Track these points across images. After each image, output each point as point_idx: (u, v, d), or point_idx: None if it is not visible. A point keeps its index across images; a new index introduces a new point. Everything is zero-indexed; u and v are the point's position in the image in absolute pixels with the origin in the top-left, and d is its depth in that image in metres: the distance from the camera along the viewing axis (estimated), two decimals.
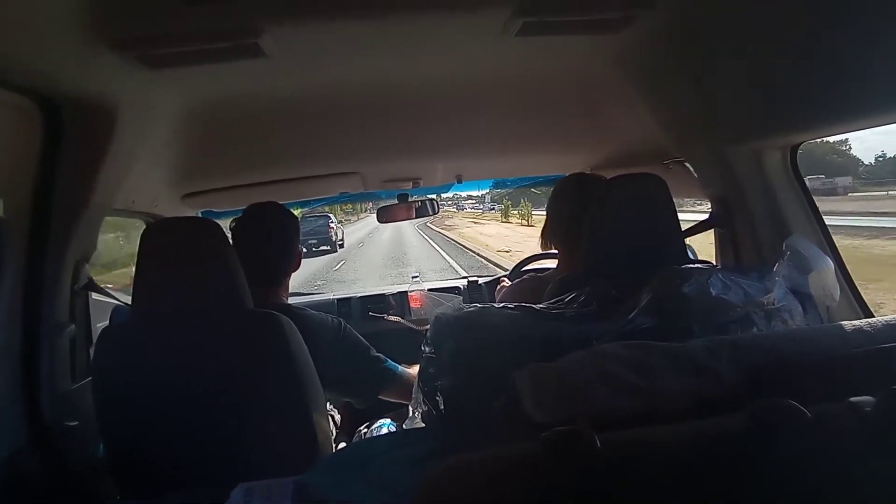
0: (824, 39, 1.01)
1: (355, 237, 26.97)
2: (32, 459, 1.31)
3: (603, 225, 1.25)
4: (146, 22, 1.13)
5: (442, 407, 0.89)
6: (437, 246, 21.16)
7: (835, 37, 0.99)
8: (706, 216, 1.66)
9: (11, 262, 1.33)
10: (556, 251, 1.76)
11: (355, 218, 43.01)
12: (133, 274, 1.34)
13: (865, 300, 1.41)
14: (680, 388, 0.72)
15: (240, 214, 1.68)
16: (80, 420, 1.43)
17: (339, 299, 2.75)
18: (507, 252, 15.75)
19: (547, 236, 1.72)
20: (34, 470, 1.31)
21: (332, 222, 20.21)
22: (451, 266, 14.55)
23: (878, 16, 0.90)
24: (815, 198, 1.46)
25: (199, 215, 2.37)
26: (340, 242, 21.05)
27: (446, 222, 34.64)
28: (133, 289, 1.31)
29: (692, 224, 1.66)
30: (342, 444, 1.82)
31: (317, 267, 15.27)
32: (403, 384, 1.57)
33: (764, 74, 1.19)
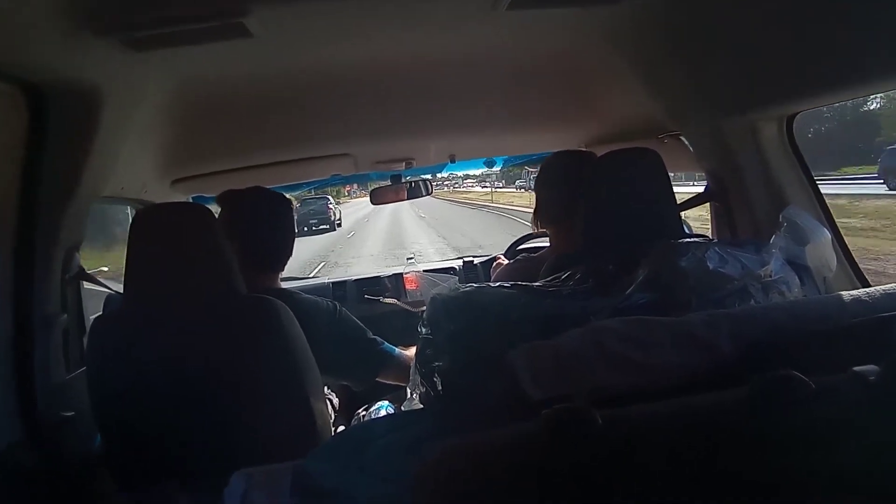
0: (817, 8, 1.00)
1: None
2: (28, 451, 1.31)
3: (599, 200, 1.24)
4: (130, 4, 1.11)
5: (440, 388, 0.89)
6: None
7: (828, 5, 0.97)
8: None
9: (0, 253, 1.31)
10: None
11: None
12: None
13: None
14: (679, 363, 0.72)
15: (218, 199, 1.66)
16: (75, 410, 1.43)
17: (333, 283, 2.74)
18: None
19: (538, 216, 1.70)
20: (30, 461, 1.30)
21: (330, 203, 22.17)
22: None
23: None
24: None
25: (191, 201, 2.35)
26: (338, 222, 22.78)
27: None
28: (125, 276, 1.30)
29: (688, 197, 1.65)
30: (341, 427, 1.83)
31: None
32: (401, 366, 1.57)
33: (758, 45, 1.17)
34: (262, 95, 1.73)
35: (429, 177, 2.94)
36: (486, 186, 42.70)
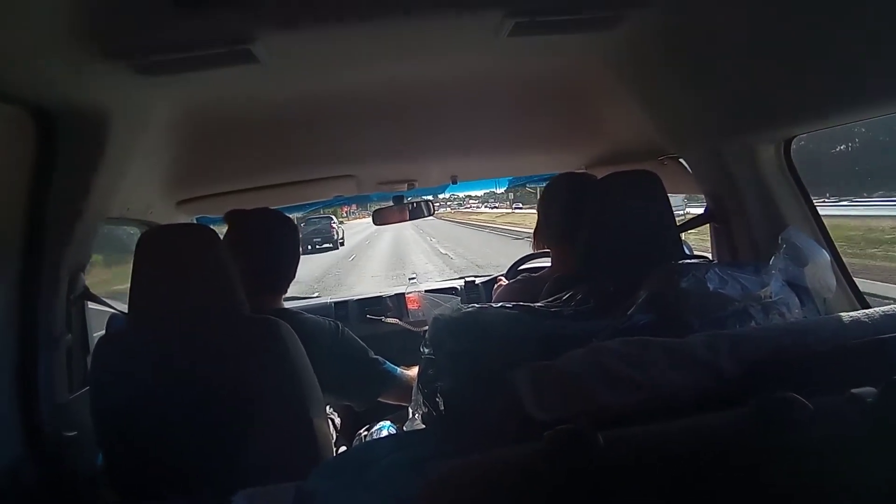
0: (816, 33, 1.01)
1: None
2: (30, 470, 1.31)
3: (599, 222, 1.25)
4: (138, 30, 1.13)
5: (442, 408, 0.89)
6: None
7: (827, 30, 0.99)
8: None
9: (7, 272, 1.32)
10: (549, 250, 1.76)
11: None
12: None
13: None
14: (680, 384, 0.72)
15: (224, 220, 1.67)
16: (77, 430, 1.43)
17: (336, 302, 2.75)
18: None
19: (539, 236, 1.72)
20: (32, 481, 1.30)
21: (333, 223, 22.11)
22: None
23: (868, 9, 0.90)
24: None
25: (195, 222, 2.36)
26: (341, 241, 22.71)
27: None
28: (129, 297, 1.31)
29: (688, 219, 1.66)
30: (342, 448, 1.82)
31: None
32: (403, 386, 1.57)
33: (756, 69, 1.19)
34: (267, 118, 1.75)
35: (430, 197, 2.95)
36: (494, 207, 41.41)
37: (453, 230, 26.79)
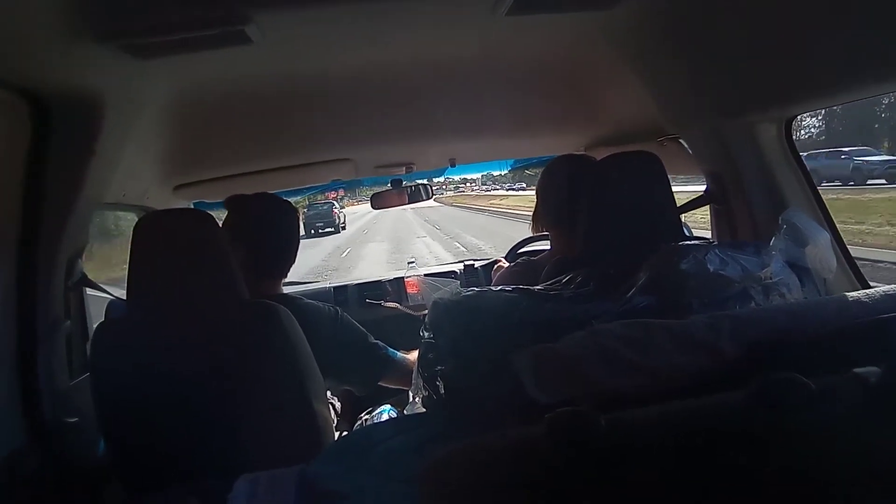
0: (817, 11, 1.00)
1: None
2: (32, 457, 1.31)
3: (598, 204, 1.24)
4: (132, 12, 1.11)
5: (442, 391, 0.89)
6: None
7: (827, 7, 0.98)
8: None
9: (3, 260, 1.32)
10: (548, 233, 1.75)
11: None
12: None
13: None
14: (681, 365, 0.72)
15: (224, 205, 1.66)
16: (78, 416, 1.43)
17: (335, 287, 2.74)
18: None
19: (538, 219, 1.71)
20: (34, 468, 1.31)
21: (335, 208, 23.01)
22: None
23: None
24: None
25: (192, 207, 2.35)
26: (343, 225, 23.56)
27: None
28: (127, 283, 1.30)
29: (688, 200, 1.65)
30: (344, 432, 1.83)
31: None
32: (403, 370, 1.57)
33: (756, 48, 1.18)
34: (264, 101, 1.74)
35: (425, 181, 2.93)
36: (522, 189, 37.03)
37: (495, 226, 19.63)
